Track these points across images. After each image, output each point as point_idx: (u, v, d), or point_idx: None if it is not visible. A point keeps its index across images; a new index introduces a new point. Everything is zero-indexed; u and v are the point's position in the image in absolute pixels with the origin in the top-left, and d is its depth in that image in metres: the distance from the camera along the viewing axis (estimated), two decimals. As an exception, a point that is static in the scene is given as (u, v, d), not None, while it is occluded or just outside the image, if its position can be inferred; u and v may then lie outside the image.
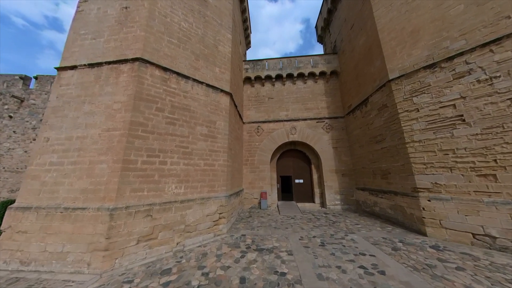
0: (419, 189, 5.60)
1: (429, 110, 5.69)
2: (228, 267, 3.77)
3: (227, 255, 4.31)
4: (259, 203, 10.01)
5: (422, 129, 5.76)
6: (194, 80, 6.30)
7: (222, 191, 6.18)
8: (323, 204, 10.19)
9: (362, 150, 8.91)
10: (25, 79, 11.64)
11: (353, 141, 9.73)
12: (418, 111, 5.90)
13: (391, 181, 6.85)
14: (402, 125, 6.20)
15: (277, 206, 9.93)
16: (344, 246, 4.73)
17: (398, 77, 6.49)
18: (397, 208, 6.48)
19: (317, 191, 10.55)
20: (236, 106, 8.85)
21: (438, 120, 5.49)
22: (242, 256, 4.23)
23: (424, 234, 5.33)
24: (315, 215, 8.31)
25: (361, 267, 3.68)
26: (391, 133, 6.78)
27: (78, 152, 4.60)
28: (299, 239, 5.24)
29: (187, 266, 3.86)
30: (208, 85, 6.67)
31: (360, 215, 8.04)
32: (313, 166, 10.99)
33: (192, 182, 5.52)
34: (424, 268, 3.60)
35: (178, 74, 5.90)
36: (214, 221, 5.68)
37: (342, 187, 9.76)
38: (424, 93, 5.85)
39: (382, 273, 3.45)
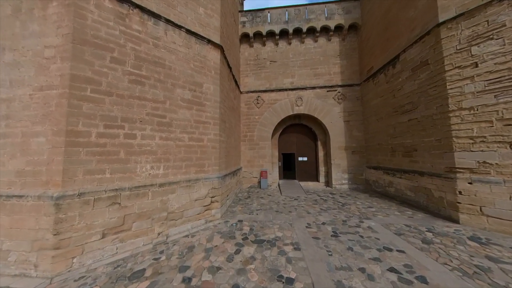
0: (457, 169, 4.49)
1: (495, 64, 4.11)
2: (218, 268, 2.91)
3: (218, 250, 3.46)
4: (259, 182, 9.22)
5: (477, 92, 4.29)
6: (168, 21, 4.49)
7: (213, 171, 5.11)
8: (328, 183, 9.41)
9: (380, 124, 7.56)
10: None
11: (370, 113, 8.27)
12: (477, 66, 4.31)
13: (416, 159, 5.72)
14: (447, 87, 4.69)
15: (278, 185, 9.17)
16: (362, 237, 3.88)
17: (453, 18, 4.64)
18: (420, 190, 5.53)
19: (322, 169, 9.65)
20: (230, 68, 7.09)
21: (506, 77, 3.98)
22: (237, 251, 3.38)
23: (455, 221, 4.46)
24: (320, 195, 7.53)
25: (392, 270, 2.81)
26: (427, 100, 5.31)
27: (5, 120, 3.28)
28: (306, 227, 4.40)
29: (166, 267, 3.01)
30: (189, 32, 4.87)
31: (371, 196, 7.25)
32: (319, 143, 9.82)
33: (174, 161, 4.38)
34: (475, 272, 2.72)
35: (142, 9, 4.09)
36: (204, 206, 4.77)
37: (351, 166, 8.79)
38: (492, 38, 4.16)
39: (423, 280, 2.58)
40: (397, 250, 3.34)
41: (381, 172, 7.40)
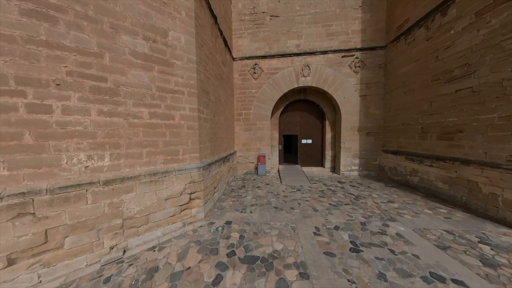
0: (532, 159, 3.18)
1: None
2: (181, 319, 1.83)
3: (190, 276, 2.39)
4: (256, 168, 8.08)
5: None
6: None
7: (192, 159, 3.82)
8: (334, 169, 8.28)
9: (409, 98, 5.98)
10: None
11: (395, 84, 6.59)
12: None
13: (461, 143, 4.37)
14: (544, 34, 3.02)
15: (278, 172, 8.07)
16: (393, 252, 2.79)
17: None
18: (460, 183, 4.34)
19: (328, 153, 8.41)
20: (215, 18, 5.17)
21: None
22: (217, 280, 2.31)
23: (509, 225, 3.35)
24: (327, 184, 6.43)
25: (462, 328, 1.72)
26: (496, 58, 3.67)
27: None
28: (315, 234, 3.32)
29: (102, 313, 1.94)
30: None
31: (387, 186, 6.15)
32: (327, 123, 8.35)
33: (128, 148, 3.03)
34: None
35: None
36: (181, 206, 3.62)
37: (364, 150, 7.50)
38: None
39: None
40: (453, 280, 2.25)
41: (403, 157, 6.14)
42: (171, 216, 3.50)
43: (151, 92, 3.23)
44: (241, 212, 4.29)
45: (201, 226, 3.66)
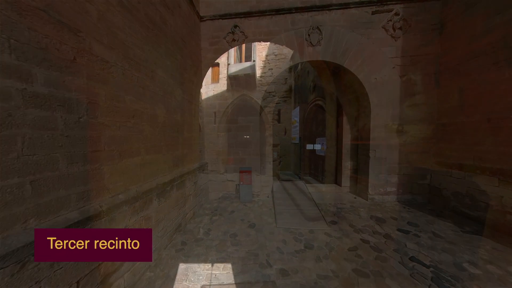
0: None
1: None
2: None
3: None
4: (238, 189, 5.23)
5: None
6: None
7: None
8: (357, 189, 5.53)
9: (509, 72, 3.26)
10: None
11: (469, 53, 3.87)
12: None
13: None
14: None
15: (272, 195, 5.24)
16: None
17: None
18: None
19: (347, 165, 5.67)
20: None
21: None
22: None
23: None
24: (355, 225, 3.65)
25: None
26: None
27: None
28: None
29: None
30: None
31: (464, 230, 3.41)
32: (344, 120, 5.62)
33: None
34: None
35: None
36: None
37: (406, 161, 4.78)
38: None
39: None
40: None
41: (494, 180, 3.42)
42: None
43: None
44: None
45: None
